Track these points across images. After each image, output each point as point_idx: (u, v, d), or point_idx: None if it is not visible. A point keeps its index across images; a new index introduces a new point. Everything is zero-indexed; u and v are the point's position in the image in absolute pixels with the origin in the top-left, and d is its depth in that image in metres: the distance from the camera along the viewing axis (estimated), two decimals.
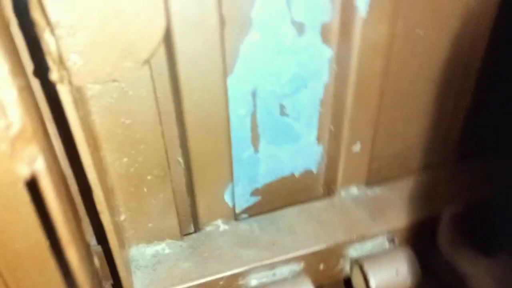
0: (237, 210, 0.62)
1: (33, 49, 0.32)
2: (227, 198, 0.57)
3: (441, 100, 0.63)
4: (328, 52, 0.52)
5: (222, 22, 0.43)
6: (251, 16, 0.45)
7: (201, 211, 0.57)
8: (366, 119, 0.57)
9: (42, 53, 0.29)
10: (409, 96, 0.60)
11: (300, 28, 0.48)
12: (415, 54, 0.56)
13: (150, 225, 0.53)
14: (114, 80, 0.34)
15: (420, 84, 0.60)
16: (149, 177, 0.48)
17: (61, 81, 0.30)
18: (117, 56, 0.32)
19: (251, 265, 0.53)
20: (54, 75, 0.29)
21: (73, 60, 0.29)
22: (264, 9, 0.46)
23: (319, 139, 0.61)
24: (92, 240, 0.54)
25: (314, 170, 0.64)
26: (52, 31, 0.27)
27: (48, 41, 0.28)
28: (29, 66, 0.32)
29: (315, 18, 0.48)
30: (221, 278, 0.52)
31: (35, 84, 0.35)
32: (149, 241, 0.56)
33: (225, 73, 0.46)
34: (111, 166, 0.45)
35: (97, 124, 0.42)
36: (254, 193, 0.63)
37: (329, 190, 0.65)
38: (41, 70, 0.33)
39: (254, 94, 0.52)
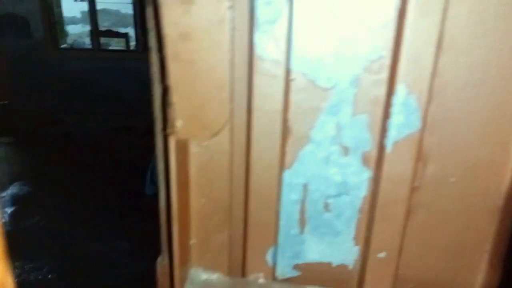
0: (280, 276, 0.80)
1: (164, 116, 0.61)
2: (268, 258, 0.76)
3: (475, 245, 0.72)
4: (366, 173, 0.70)
5: (287, 132, 0.67)
6: (310, 134, 0.68)
7: (248, 261, 0.77)
8: (391, 235, 0.71)
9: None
10: (440, 232, 0.72)
11: (345, 150, 0.69)
12: (448, 197, 0.70)
13: (208, 255, 0.76)
14: (200, 141, 0.61)
15: (453, 226, 0.72)
16: (215, 218, 0.72)
17: (171, 134, 0.57)
18: (201, 127, 0.59)
19: None
20: (168, 130, 0.57)
21: (178, 124, 0.57)
22: (321, 131, 0.68)
23: (356, 240, 0.76)
24: (165, 258, 0.78)
25: (350, 266, 0.78)
26: (171, 108, 0.55)
27: (169, 113, 0.56)
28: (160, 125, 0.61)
29: (358, 146, 0.68)
30: None
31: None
32: (206, 268, 0.78)
33: (282, 167, 0.69)
34: (193, 201, 0.71)
35: (192, 172, 0.68)
36: (296, 268, 0.80)
37: (359, 287, 0.78)
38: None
39: (305, 187, 0.73)
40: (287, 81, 0.63)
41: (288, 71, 0.62)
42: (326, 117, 0.66)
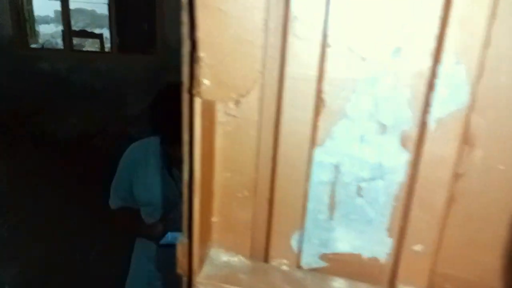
0: (305, 265, 0.77)
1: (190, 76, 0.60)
2: (293, 243, 0.73)
3: None
4: (405, 155, 0.66)
5: (321, 105, 0.64)
6: (345, 108, 0.65)
7: (272, 245, 0.74)
8: (429, 226, 0.67)
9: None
10: (486, 226, 0.67)
11: (382, 128, 0.65)
12: (495, 186, 0.64)
13: (230, 235, 0.74)
14: (226, 102, 0.59)
15: (500, 219, 0.66)
16: (239, 195, 0.70)
17: (197, 95, 0.56)
18: (228, 87, 0.57)
19: None
20: (194, 90, 0.56)
21: (204, 83, 0.55)
22: (356, 106, 0.65)
23: (390, 231, 0.72)
24: (185, 236, 0.76)
25: (381, 259, 0.74)
26: (198, 64, 0.54)
27: (196, 69, 0.54)
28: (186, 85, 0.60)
29: (397, 124, 0.64)
30: None
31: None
32: (227, 249, 0.76)
33: (313, 144, 0.66)
34: (217, 175, 0.69)
35: (217, 143, 0.66)
36: (322, 258, 0.76)
37: (391, 283, 0.74)
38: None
39: (337, 168, 0.69)
40: (323, 47, 0.60)
41: (324, 36, 0.60)
42: (364, 90, 0.63)
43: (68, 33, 7.29)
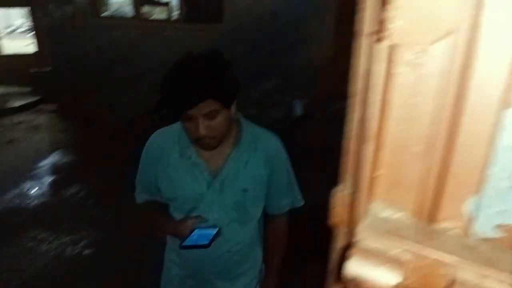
0: (477, 234, 0.74)
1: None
2: (466, 208, 0.71)
3: None
4: None
5: None
6: None
7: (441, 207, 0.72)
8: None
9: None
10: None
11: None
12: None
13: (396, 191, 0.74)
14: (418, 46, 0.58)
15: None
16: (411, 149, 0.69)
17: (385, 38, 0.56)
18: (419, 32, 0.56)
19: (460, 263, 0.66)
20: (381, 34, 0.56)
21: (396, 25, 0.55)
22: None
23: None
24: (347, 187, 0.79)
25: None
26: (390, 5, 0.54)
27: (386, 11, 0.54)
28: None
29: None
30: (426, 257, 0.68)
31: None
32: (391, 205, 0.76)
33: (505, 103, 0.61)
34: (389, 127, 0.69)
35: (393, 93, 0.66)
36: (499, 228, 0.72)
37: None
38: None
39: None
40: None
41: None
42: None
43: (137, 1, 7.46)
